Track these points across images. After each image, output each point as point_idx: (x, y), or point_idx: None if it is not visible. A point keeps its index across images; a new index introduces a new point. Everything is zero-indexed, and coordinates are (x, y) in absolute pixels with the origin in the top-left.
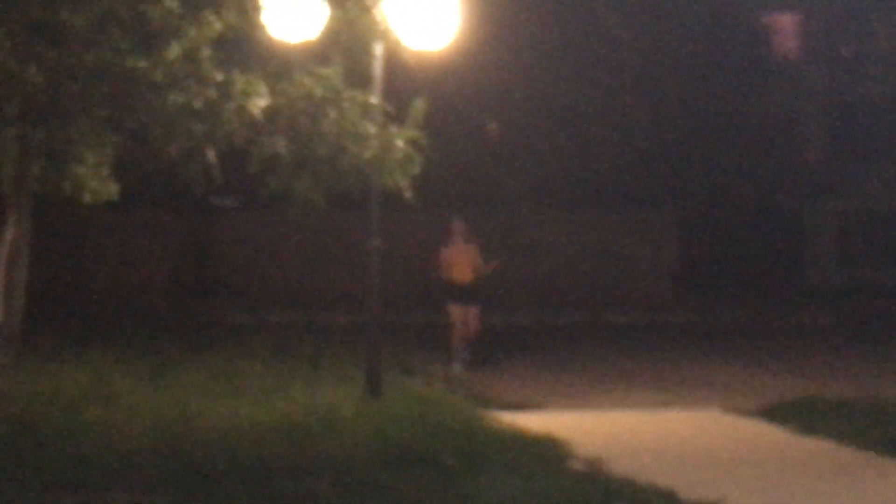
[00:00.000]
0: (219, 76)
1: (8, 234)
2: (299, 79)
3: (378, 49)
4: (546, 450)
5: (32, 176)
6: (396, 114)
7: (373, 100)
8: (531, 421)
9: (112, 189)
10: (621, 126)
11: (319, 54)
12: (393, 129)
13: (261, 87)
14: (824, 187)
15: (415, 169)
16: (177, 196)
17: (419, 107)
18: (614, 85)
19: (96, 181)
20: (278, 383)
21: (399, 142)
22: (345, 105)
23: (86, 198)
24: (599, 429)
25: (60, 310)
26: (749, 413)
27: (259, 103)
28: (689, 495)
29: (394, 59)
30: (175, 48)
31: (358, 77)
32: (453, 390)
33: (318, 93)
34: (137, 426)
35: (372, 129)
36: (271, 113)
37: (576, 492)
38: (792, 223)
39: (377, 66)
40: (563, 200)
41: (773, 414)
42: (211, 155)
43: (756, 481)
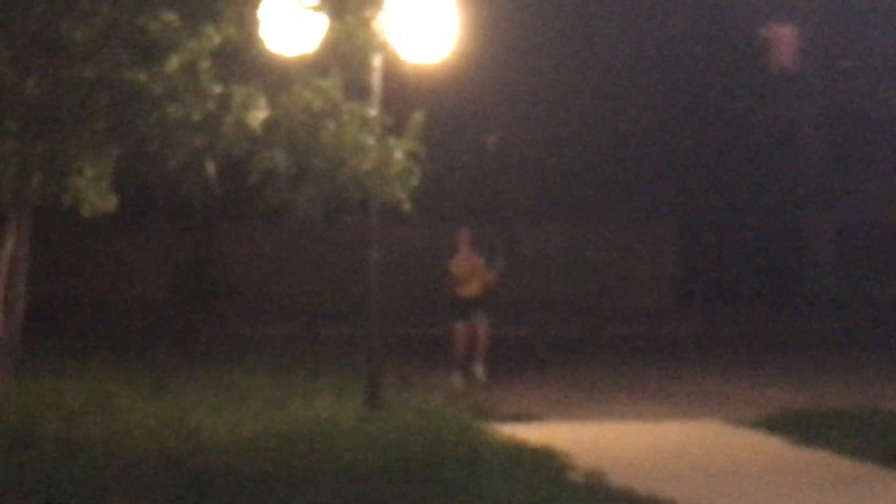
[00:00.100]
0: (218, 89)
1: (8, 247)
2: (298, 91)
3: (376, 61)
4: (546, 461)
5: (32, 188)
6: (395, 126)
7: (371, 112)
8: (531, 433)
9: (111, 201)
10: (622, 138)
11: (318, 67)
12: (392, 141)
13: (260, 100)
14: (824, 198)
15: (413, 181)
16: (177, 208)
17: (418, 119)
18: (614, 97)
19: (96, 194)
20: (279, 395)
21: (398, 154)
22: (343, 117)
23: (85, 210)
24: (599, 440)
25: (60, 322)
26: (749, 424)
27: (258, 116)
28: None
29: (392, 72)
30: (174, 61)
31: (356, 89)
32: (453, 402)
33: (317, 105)
34: (138, 438)
35: (370, 142)
36: (270, 125)
37: (576, 503)
38: (792, 234)
39: (376, 79)
40: (563, 212)
41: (774, 425)
42: (210, 167)
43: (756, 492)
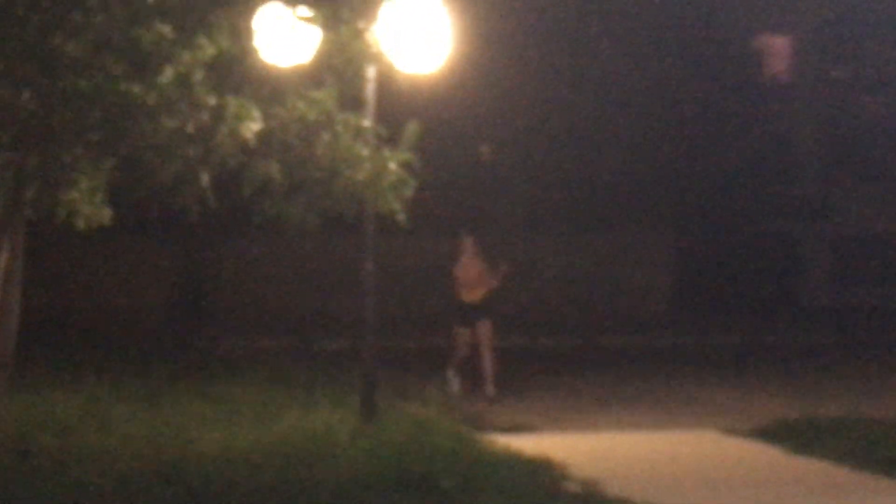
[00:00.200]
0: (212, 100)
1: (1, 261)
2: (292, 102)
3: (370, 72)
4: (542, 472)
5: (26, 201)
6: (389, 137)
7: (365, 123)
8: (527, 443)
9: (106, 214)
10: (616, 148)
11: (312, 78)
12: (386, 152)
13: (254, 111)
14: (818, 209)
15: (408, 192)
16: (172, 222)
17: (413, 130)
18: (609, 107)
19: (90, 206)
20: (273, 408)
21: (392, 165)
22: (338, 128)
23: (80, 223)
24: (595, 451)
25: (54, 335)
26: (745, 433)
27: (252, 127)
28: None
29: (386, 83)
30: (168, 73)
31: (351, 100)
32: (448, 413)
33: (311, 116)
34: (132, 452)
35: (365, 152)
36: (264, 136)
37: None
38: (787, 245)
39: (370, 90)
40: (558, 223)
41: (769, 434)
42: (204, 179)
43: (752, 501)
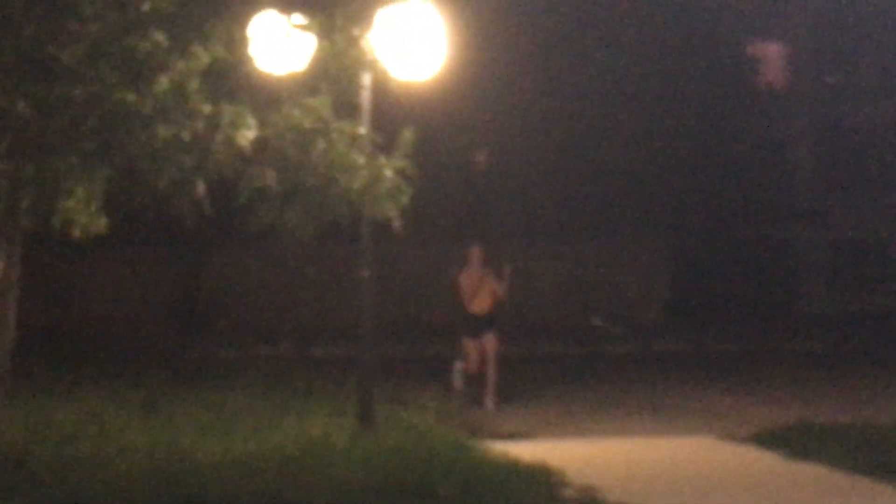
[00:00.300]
0: (207, 108)
1: None
2: (287, 110)
3: (366, 80)
4: (539, 479)
5: (22, 210)
6: (385, 144)
7: (361, 130)
8: (524, 450)
9: (102, 223)
10: (612, 156)
11: (307, 85)
12: (381, 160)
13: (249, 119)
14: (815, 216)
15: (404, 199)
16: (168, 231)
17: (408, 137)
18: (604, 115)
19: (86, 215)
20: (271, 416)
21: (388, 172)
22: (333, 136)
23: (76, 232)
24: (593, 457)
25: (51, 345)
26: (742, 439)
27: (247, 135)
28: None
29: (382, 90)
30: (163, 81)
31: (346, 108)
32: (446, 420)
33: (307, 124)
34: (130, 460)
35: (360, 160)
36: (260, 144)
37: None
38: (783, 251)
39: (365, 97)
40: (553, 229)
41: (766, 440)
42: (200, 187)
43: None
